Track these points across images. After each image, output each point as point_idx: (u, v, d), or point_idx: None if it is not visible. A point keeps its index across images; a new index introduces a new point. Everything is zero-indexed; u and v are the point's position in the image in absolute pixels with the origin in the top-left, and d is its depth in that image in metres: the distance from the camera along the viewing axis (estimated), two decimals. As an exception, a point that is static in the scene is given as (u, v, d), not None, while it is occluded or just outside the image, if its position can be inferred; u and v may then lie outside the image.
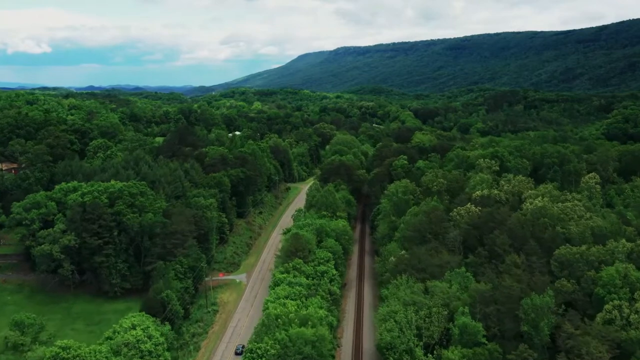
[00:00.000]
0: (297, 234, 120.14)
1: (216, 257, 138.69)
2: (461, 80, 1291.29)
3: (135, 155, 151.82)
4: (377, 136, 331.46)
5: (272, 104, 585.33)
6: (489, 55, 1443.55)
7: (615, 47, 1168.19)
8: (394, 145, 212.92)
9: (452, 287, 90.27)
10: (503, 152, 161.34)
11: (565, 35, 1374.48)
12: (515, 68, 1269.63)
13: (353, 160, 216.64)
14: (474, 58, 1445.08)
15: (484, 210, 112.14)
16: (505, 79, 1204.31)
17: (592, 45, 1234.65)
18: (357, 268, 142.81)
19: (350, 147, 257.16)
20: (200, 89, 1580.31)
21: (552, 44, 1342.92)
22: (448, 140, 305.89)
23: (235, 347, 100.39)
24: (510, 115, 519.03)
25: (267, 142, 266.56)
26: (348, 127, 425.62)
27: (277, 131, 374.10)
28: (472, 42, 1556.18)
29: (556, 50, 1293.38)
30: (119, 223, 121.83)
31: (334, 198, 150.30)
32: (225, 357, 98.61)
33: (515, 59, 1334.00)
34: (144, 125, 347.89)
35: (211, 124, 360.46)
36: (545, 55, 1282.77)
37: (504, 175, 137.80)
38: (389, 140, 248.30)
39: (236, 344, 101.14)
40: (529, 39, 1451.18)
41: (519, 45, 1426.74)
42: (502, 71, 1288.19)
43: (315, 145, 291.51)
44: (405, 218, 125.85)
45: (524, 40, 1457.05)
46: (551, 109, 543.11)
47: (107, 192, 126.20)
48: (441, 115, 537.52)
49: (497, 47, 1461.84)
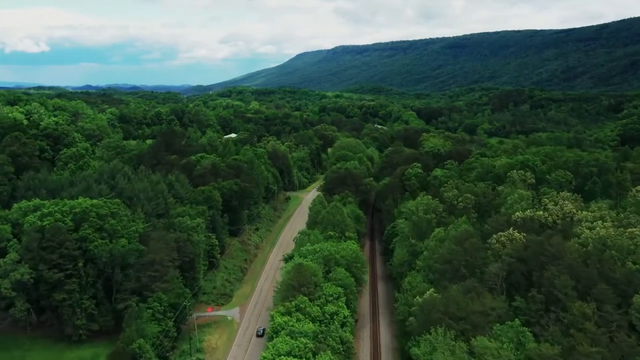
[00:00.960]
0: (300, 265, 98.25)
1: (204, 287, 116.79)
2: (461, 79, 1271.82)
3: (112, 166, 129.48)
4: (382, 139, 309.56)
5: (270, 104, 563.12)
6: (488, 53, 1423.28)
7: (617, 45, 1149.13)
8: (406, 151, 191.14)
9: (504, 347, 68.77)
10: (535, 161, 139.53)
11: (565, 34, 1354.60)
12: (516, 67, 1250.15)
13: (359, 167, 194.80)
14: (474, 57, 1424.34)
15: (531, 238, 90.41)
16: (505, 77, 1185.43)
17: (593, 44, 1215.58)
18: (369, 297, 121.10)
19: (355, 151, 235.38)
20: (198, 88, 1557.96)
21: (552, 43, 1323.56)
22: (457, 142, 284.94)
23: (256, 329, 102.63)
24: (516, 116, 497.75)
25: (265, 145, 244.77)
26: (349, 128, 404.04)
27: (276, 133, 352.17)
28: (472, 41, 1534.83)
29: (557, 48, 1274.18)
30: (84, 251, 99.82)
31: (342, 215, 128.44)
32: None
33: (515, 58, 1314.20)
34: (134, 126, 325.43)
35: (205, 125, 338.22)
36: (545, 54, 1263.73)
37: (542, 190, 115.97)
38: (397, 144, 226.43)
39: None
40: (529, 37, 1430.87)
41: (518, 44, 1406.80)
42: (502, 70, 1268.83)
43: (317, 148, 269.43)
44: (429, 243, 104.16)
45: (523, 38, 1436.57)
46: (558, 109, 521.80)
47: (72, 213, 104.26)
48: (445, 115, 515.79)
49: (497, 46, 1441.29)
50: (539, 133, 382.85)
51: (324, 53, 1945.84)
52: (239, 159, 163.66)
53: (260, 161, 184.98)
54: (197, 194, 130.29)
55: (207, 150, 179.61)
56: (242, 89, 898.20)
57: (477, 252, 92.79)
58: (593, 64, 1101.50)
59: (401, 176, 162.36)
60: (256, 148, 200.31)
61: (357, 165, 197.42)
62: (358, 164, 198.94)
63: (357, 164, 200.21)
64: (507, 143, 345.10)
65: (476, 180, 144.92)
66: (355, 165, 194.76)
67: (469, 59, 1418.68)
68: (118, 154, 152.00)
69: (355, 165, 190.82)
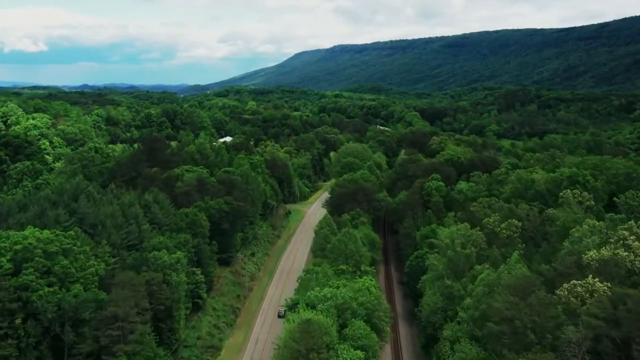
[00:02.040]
0: (308, 322, 73.95)
1: (186, 338, 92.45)
2: (461, 78, 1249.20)
3: (75, 184, 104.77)
4: (388, 142, 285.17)
5: (268, 104, 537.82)
6: (488, 53, 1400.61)
7: (618, 44, 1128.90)
8: (423, 161, 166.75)
9: None
10: (585, 175, 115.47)
11: (566, 33, 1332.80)
12: (516, 66, 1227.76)
13: (369, 177, 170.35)
14: (474, 56, 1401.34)
15: (620, 292, 66.43)
16: (505, 77, 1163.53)
17: (593, 43, 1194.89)
18: (391, 349, 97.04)
19: (362, 158, 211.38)
20: (195, 87, 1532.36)
21: (552, 42, 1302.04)
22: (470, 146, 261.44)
23: None
24: (525, 116, 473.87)
25: (263, 151, 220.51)
26: (351, 130, 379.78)
27: (274, 135, 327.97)
28: (471, 40, 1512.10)
29: (557, 47, 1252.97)
30: (25, 303, 75.60)
31: (355, 244, 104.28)
32: None
33: (515, 57, 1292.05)
34: (122, 129, 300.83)
35: (199, 127, 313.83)
36: (546, 53, 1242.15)
37: (609, 217, 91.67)
38: (411, 152, 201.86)
39: None
40: (529, 36, 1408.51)
41: (518, 43, 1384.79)
42: (502, 69, 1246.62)
43: (319, 153, 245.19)
44: (473, 289, 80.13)
45: (523, 37, 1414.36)
46: (567, 109, 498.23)
47: (12, 251, 79.95)
48: (450, 116, 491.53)
49: (497, 45, 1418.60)
50: (552, 135, 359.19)
51: (322, 52, 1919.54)
52: (232, 171, 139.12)
53: (257, 171, 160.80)
54: (179, 217, 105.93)
55: (196, 159, 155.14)
56: (239, 88, 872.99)
57: (546, 309, 68.78)
58: (594, 63, 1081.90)
59: (420, 191, 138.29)
60: (252, 156, 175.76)
61: (368, 176, 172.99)
62: (368, 174, 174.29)
63: (368, 173, 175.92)
64: (519, 146, 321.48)
65: (511, 196, 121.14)
66: (365, 176, 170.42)
67: (469, 58, 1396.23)
68: (85, 167, 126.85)
69: (366, 175, 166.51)
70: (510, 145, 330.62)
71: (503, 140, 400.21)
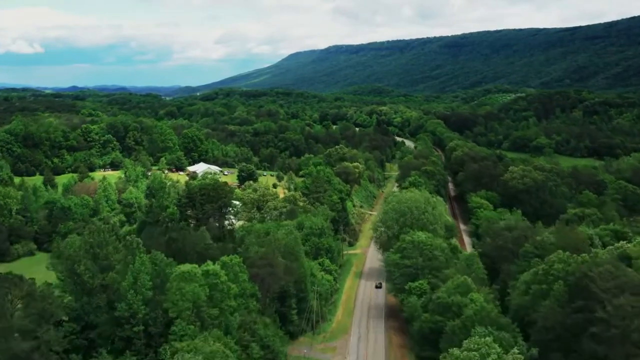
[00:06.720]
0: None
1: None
2: (463, 79, 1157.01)
3: None
4: (439, 174, 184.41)
5: (260, 109, 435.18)
6: (489, 53, 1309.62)
7: (629, 44, 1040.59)
8: None
9: None
10: None
11: (571, 33, 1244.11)
12: (521, 66, 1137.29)
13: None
14: (474, 56, 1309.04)
15: None
16: (512, 77, 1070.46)
17: (601, 43, 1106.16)
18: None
19: (424, 222, 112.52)
20: (185, 89, 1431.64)
21: (557, 42, 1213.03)
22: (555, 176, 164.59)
23: None
24: (571, 125, 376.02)
25: (252, 228, 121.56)
26: (368, 147, 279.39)
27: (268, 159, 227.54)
28: (471, 40, 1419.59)
29: (563, 47, 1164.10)
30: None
31: None
32: None
33: (519, 57, 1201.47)
34: (45, 152, 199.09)
35: (160, 148, 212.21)
36: (551, 53, 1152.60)
37: None
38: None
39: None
40: (532, 36, 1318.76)
41: (520, 43, 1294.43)
42: (506, 70, 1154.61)
43: (340, 202, 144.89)
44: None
45: (525, 37, 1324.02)
46: (620, 116, 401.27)
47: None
48: (480, 125, 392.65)
49: (498, 45, 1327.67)
50: (634, 154, 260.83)
51: (317, 53, 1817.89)
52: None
53: (238, 276, 61.20)
54: None
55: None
56: (229, 90, 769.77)
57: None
58: (605, 63, 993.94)
59: None
60: (222, 259, 74.29)
61: (467, 286, 73.49)
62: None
63: (466, 283, 76.35)
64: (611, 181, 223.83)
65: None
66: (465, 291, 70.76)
67: (469, 59, 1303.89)
68: None
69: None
70: (590, 170, 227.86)
71: (558, 156, 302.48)
